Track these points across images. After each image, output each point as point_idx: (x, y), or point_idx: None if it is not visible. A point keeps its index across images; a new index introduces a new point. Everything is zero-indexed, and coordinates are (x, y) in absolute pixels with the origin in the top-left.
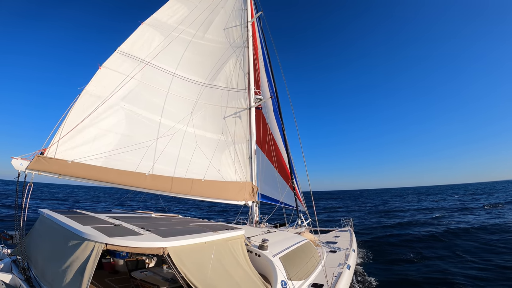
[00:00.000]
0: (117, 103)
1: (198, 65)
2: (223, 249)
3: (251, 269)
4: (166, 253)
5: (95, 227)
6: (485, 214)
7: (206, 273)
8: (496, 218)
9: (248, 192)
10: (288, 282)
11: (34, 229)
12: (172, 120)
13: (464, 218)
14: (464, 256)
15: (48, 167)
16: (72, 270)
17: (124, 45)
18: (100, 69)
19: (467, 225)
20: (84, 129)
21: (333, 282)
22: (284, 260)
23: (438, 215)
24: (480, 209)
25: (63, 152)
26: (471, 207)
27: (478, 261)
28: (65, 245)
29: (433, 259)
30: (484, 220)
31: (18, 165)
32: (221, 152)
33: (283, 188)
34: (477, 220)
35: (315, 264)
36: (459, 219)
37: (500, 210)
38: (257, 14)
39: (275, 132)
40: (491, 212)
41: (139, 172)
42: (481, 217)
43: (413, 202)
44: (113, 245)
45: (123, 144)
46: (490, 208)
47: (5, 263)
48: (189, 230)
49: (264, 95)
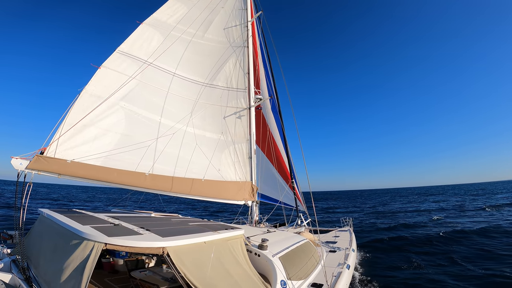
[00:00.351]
0: (117, 102)
1: (198, 64)
2: (222, 249)
3: (250, 269)
4: (166, 252)
5: (95, 226)
6: (487, 216)
7: (205, 272)
8: (499, 220)
9: (248, 191)
10: (287, 282)
11: (34, 229)
12: (172, 120)
13: (463, 219)
14: (462, 264)
15: (47, 166)
16: (71, 269)
17: (124, 44)
18: (100, 68)
19: (466, 227)
20: (84, 128)
21: (333, 282)
22: (283, 260)
23: (437, 217)
24: (480, 209)
25: (62, 152)
26: (470, 208)
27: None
28: (64, 244)
29: (431, 262)
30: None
31: (18, 164)
32: (221, 152)
33: (282, 187)
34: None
35: (315, 264)
36: (459, 221)
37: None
38: (257, 14)
39: (274, 132)
40: (493, 214)
41: (139, 172)
42: (481, 218)
43: (413, 202)
44: (113, 245)
45: (123, 144)
46: (491, 210)
47: (5, 262)
48: (189, 230)
49: (264, 95)
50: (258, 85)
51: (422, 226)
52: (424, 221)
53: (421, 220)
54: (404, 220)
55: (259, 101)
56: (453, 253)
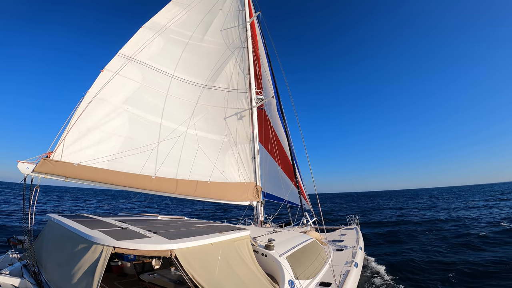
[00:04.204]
0: (120, 106)
1: (198, 66)
2: (229, 250)
3: (258, 269)
4: (173, 255)
5: (103, 230)
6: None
7: (213, 274)
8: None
9: (252, 192)
10: (295, 281)
11: (43, 234)
12: (175, 122)
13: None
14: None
15: (54, 169)
16: (82, 273)
17: (125, 48)
18: (102, 72)
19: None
20: (89, 132)
21: (341, 280)
22: (290, 260)
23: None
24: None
25: (68, 155)
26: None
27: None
28: (74, 249)
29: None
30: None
31: (24, 168)
32: (224, 153)
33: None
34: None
35: (322, 263)
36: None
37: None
38: (255, 14)
39: (278, 131)
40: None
41: (145, 174)
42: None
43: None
44: (121, 248)
45: (127, 147)
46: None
47: (16, 267)
48: (195, 232)
49: (266, 94)
50: (260, 85)
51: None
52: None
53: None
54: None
55: (261, 101)
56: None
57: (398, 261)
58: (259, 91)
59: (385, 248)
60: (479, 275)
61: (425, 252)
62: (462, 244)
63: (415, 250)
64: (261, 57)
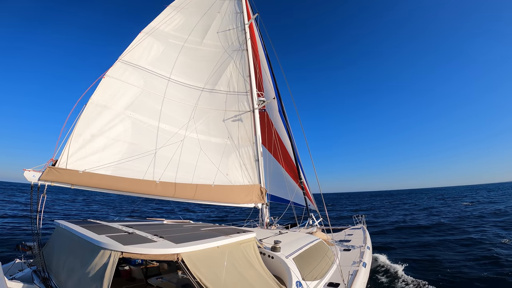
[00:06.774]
0: (123, 111)
1: (198, 70)
2: (236, 252)
3: (265, 271)
4: (180, 259)
5: (110, 235)
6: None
7: (220, 277)
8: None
9: (257, 194)
10: (303, 282)
11: (52, 240)
12: (177, 126)
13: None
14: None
15: (60, 177)
16: (91, 278)
17: (125, 54)
18: (104, 78)
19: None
20: (93, 139)
21: (350, 280)
22: (297, 261)
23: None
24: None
25: (74, 163)
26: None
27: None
28: (82, 254)
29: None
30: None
31: (31, 176)
32: (227, 156)
33: (292, 187)
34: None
35: (330, 263)
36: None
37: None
38: (253, 16)
39: (281, 132)
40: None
41: (149, 179)
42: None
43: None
44: (129, 253)
45: (131, 153)
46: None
47: (26, 273)
48: (201, 235)
49: (267, 96)
50: (261, 87)
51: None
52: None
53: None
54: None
55: (262, 103)
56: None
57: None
58: (260, 93)
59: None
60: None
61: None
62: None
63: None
64: (261, 59)
